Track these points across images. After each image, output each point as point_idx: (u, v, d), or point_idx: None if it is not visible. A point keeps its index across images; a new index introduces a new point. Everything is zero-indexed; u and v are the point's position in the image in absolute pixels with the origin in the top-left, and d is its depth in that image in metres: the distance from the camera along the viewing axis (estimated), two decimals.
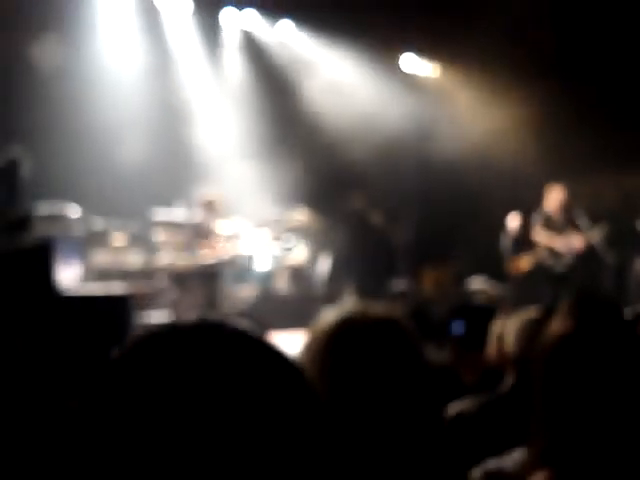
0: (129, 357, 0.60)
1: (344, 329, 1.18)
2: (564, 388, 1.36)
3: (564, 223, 10.09)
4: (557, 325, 1.43)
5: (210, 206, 9.67)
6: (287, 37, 13.62)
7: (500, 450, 1.75)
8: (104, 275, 10.04)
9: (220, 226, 9.92)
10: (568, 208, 10.26)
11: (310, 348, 1.18)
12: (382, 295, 11.73)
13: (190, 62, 12.74)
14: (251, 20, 13.26)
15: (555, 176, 12.72)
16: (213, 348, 0.59)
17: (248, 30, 13.48)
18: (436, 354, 3.82)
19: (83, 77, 11.09)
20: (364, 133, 12.83)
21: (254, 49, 13.48)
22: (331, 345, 1.16)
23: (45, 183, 10.24)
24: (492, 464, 1.72)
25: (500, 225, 12.07)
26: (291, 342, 1.30)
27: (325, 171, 13.01)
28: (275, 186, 13.56)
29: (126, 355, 0.61)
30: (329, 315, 1.21)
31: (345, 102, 12.98)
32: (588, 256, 10.20)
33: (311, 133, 13.34)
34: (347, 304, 1.25)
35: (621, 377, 1.34)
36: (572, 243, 9.81)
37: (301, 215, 11.53)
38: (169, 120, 11.80)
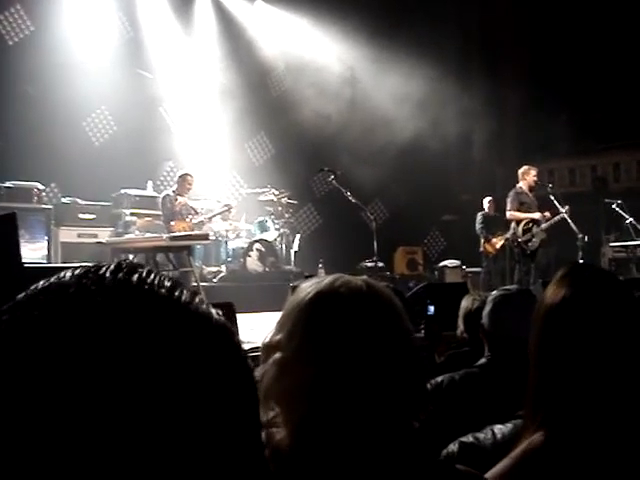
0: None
1: (328, 297, 1.13)
2: (564, 349, 1.35)
3: (536, 202, 10.14)
4: (551, 292, 1.40)
5: (181, 184, 9.57)
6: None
7: (476, 423, 1.72)
8: (71, 251, 9.91)
9: (191, 204, 9.84)
10: (540, 188, 10.26)
11: (290, 317, 1.13)
12: (354, 273, 11.67)
13: (161, 37, 12.49)
14: None
15: (529, 157, 12.78)
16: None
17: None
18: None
19: (51, 50, 10.81)
20: (338, 111, 12.74)
21: (226, 21, 13.33)
22: (315, 313, 1.11)
23: (15, 160, 10.03)
24: (469, 437, 1.69)
25: (473, 207, 12.12)
26: (261, 320, 1.21)
27: (298, 151, 12.91)
28: (248, 165, 13.44)
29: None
30: (308, 285, 1.15)
31: (321, 77, 12.89)
32: (559, 234, 10.29)
33: (284, 111, 13.22)
34: (325, 277, 1.19)
35: (620, 337, 1.33)
36: (544, 215, 9.90)
37: (273, 194, 11.41)
38: (138, 97, 11.57)
